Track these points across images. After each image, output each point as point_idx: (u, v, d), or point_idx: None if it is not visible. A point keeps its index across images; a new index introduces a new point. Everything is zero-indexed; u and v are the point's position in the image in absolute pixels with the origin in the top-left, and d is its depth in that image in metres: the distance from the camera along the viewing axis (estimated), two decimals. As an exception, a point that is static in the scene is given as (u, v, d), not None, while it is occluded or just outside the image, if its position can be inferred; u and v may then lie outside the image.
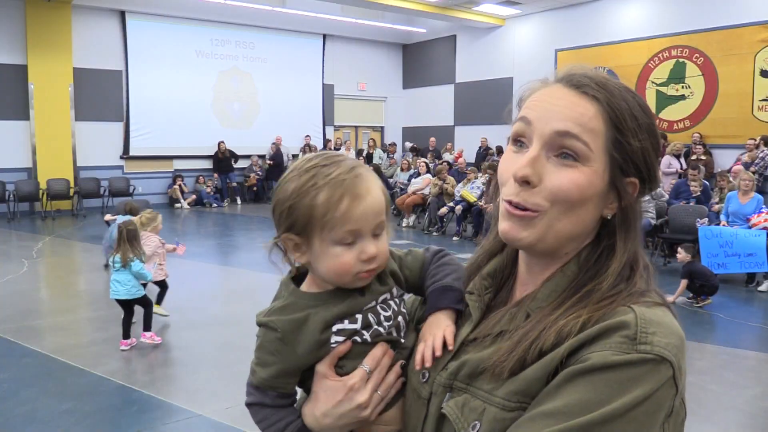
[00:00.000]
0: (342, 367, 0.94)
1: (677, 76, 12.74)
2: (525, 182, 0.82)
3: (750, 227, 7.27)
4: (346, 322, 0.94)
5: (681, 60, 12.67)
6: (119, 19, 14.59)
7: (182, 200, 14.95)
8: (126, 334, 5.01)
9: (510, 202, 0.84)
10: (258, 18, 15.83)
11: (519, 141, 0.87)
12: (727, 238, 7.14)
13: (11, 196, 12.65)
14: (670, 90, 12.86)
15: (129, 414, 3.83)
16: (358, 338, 0.94)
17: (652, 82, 13.12)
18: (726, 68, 11.99)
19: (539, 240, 0.83)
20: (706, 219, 7.91)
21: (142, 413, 3.85)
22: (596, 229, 0.87)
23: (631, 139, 0.82)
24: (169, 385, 4.29)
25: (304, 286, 0.98)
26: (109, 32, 14.48)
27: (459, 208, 10.60)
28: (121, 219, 10.10)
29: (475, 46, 16.97)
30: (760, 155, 10.77)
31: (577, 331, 0.76)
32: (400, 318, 0.98)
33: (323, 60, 17.86)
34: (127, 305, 5.00)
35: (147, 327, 5.11)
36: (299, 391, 1.02)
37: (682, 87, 12.68)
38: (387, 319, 0.96)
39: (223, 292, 7.44)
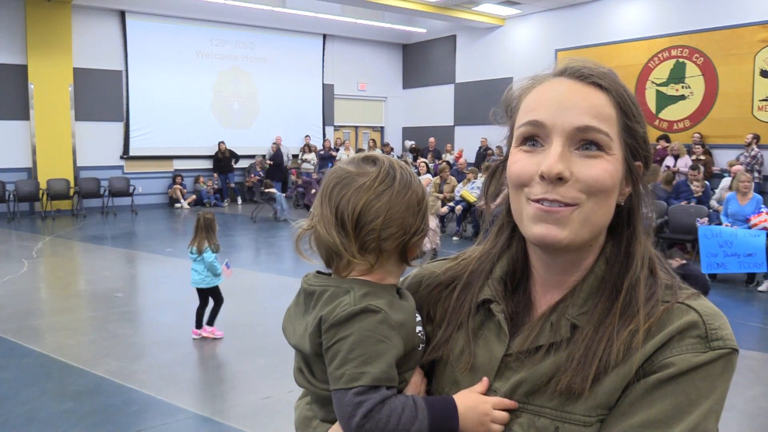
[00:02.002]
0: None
1: (677, 76, 12.74)
2: (558, 179, 0.79)
3: (750, 228, 7.27)
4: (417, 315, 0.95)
5: (681, 60, 12.67)
6: (119, 19, 14.59)
7: (182, 200, 14.96)
8: (198, 324, 5.22)
9: (543, 201, 0.81)
10: (258, 18, 15.83)
11: (532, 140, 0.84)
12: (727, 238, 7.14)
13: (11, 196, 12.65)
14: (670, 90, 12.86)
15: (129, 414, 3.83)
16: (421, 333, 0.94)
17: (652, 82, 13.12)
18: (726, 68, 11.98)
19: (577, 236, 0.81)
20: (706, 218, 7.91)
21: (142, 413, 3.85)
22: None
23: (636, 124, 0.85)
24: (169, 385, 4.29)
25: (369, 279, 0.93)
26: (109, 32, 14.48)
27: (459, 208, 10.59)
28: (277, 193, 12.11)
29: (475, 46, 16.97)
30: (752, 154, 10.80)
31: (644, 340, 0.78)
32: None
33: (323, 60, 17.86)
34: (202, 295, 5.22)
35: (210, 321, 5.25)
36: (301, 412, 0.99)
37: (682, 87, 12.68)
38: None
39: (223, 292, 7.44)
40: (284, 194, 13.38)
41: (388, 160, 0.93)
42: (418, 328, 0.93)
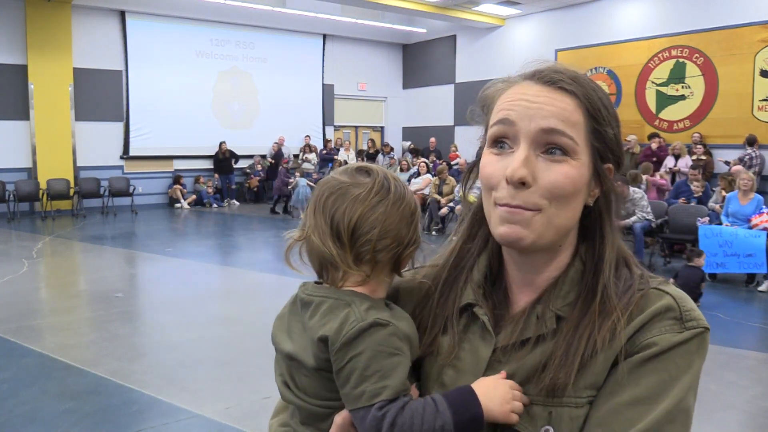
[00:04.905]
0: None
1: (677, 76, 12.73)
2: (521, 183, 0.82)
3: (751, 228, 7.24)
4: None
5: (681, 60, 12.67)
6: (119, 19, 14.59)
7: (182, 200, 14.95)
8: None
9: (508, 206, 0.83)
10: (258, 18, 15.83)
11: (500, 143, 0.87)
12: (727, 238, 7.13)
13: (11, 196, 12.64)
14: (670, 90, 12.86)
15: (129, 414, 3.83)
16: None
17: (652, 82, 13.11)
18: (726, 68, 11.98)
19: (540, 237, 0.83)
20: (707, 218, 7.89)
21: (142, 413, 3.85)
22: (579, 217, 0.89)
23: (606, 127, 0.86)
24: (169, 385, 4.29)
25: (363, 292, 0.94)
26: (109, 32, 14.48)
27: (459, 208, 10.60)
28: (303, 181, 12.70)
29: (475, 46, 16.97)
30: (744, 156, 10.81)
31: (626, 324, 0.82)
32: None
33: (323, 60, 17.86)
34: None
35: None
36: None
37: (682, 87, 12.67)
38: None
39: (223, 292, 7.44)
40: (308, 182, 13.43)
41: (382, 171, 0.94)
42: None
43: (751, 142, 10.97)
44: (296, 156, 16.87)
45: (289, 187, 13.70)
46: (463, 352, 0.90)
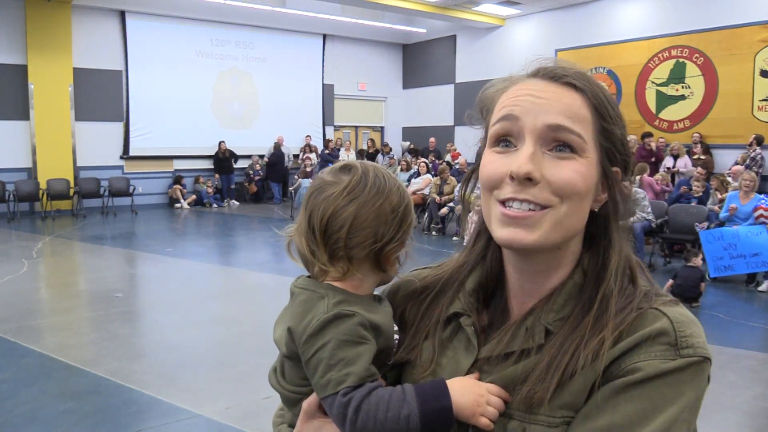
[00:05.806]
0: None
1: (677, 76, 12.73)
2: (527, 179, 0.77)
3: (756, 219, 7.14)
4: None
5: (681, 60, 12.67)
6: (119, 19, 14.59)
7: (182, 200, 14.95)
8: None
9: (511, 201, 0.79)
10: (258, 18, 15.83)
11: (504, 141, 0.82)
12: (730, 240, 7.07)
13: (11, 196, 12.64)
14: (670, 90, 12.86)
15: (129, 414, 3.83)
16: (397, 341, 0.96)
17: (652, 82, 13.12)
18: (726, 68, 11.98)
19: (546, 239, 0.79)
20: (705, 223, 7.83)
21: (142, 413, 3.85)
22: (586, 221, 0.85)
23: (614, 126, 0.82)
24: (169, 385, 4.29)
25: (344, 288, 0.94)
26: (109, 32, 14.48)
27: (459, 208, 10.60)
28: (306, 182, 12.34)
29: (475, 46, 16.97)
30: (752, 155, 10.81)
31: (612, 345, 0.77)
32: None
33: (323, 60, 17.86)
34: None
35: None
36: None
37: (682, 87, 12.68)
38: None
39: (223, 292, 7.44)
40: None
41: (363, 169, 0.93)
42: (395, 337, 0.95)
43: (760, 141, 10.96)
44: (296, 156, 16.87)
45: (291, 188, 13.71)
46: (445, 359, 0.89)
